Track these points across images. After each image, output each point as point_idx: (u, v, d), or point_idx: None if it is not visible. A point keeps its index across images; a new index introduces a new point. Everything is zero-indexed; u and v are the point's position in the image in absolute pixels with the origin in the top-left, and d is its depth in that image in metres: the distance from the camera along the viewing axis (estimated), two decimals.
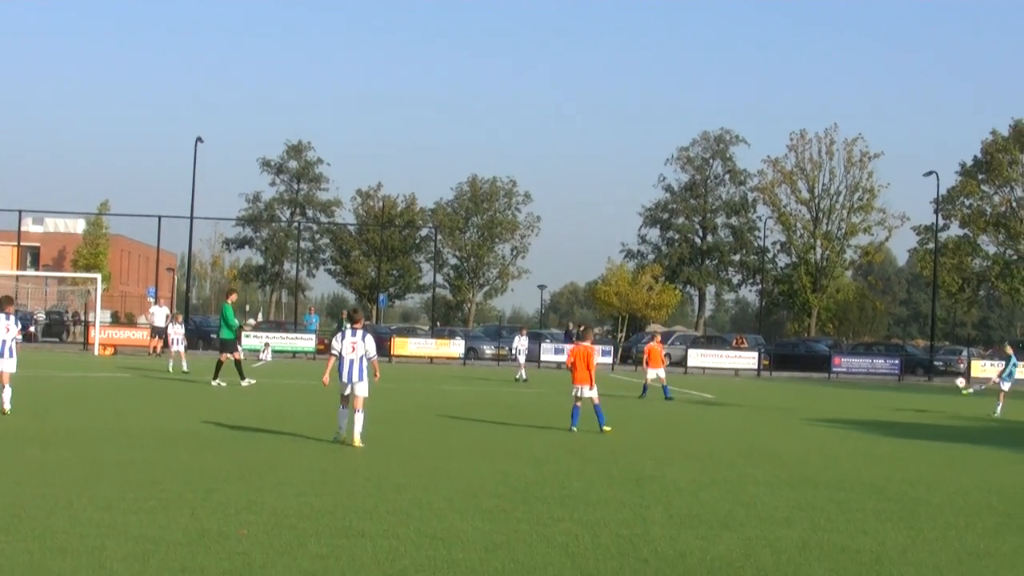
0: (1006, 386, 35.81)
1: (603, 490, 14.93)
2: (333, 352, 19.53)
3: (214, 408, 26.15)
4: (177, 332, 43.60)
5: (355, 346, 19.29)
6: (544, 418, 23.55)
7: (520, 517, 12.54)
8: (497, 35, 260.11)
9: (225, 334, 34.63)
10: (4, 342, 22.90)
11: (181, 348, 42.96)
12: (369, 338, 19.53)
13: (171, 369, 41.43)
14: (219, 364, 34.32)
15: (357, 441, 18.83)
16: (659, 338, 41.41)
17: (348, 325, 19.88)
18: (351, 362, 19.25)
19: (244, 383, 33.52)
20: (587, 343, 24.15)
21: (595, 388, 23.58)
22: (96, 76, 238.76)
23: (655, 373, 37.49)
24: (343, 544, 10.69)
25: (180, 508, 12.25)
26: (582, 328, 26.31)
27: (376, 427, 20.50)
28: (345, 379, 19.25)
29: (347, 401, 19.41)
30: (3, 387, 22.63)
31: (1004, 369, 36.44)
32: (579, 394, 23.49)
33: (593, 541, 11.34)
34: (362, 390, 19.25)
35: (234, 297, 36.71)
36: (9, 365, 22.83)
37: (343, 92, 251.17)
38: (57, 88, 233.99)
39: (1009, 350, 37.41)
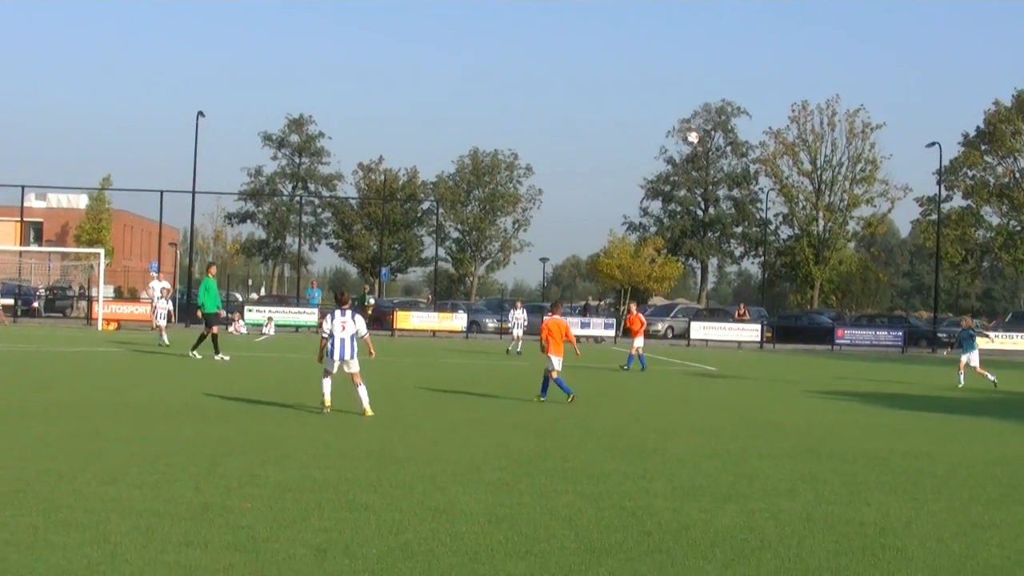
0: (964, 358, 35.70)
1: (606, 462, 14.93)
2: (323, 334, 20.09)
3: (216, 382, 26.16)
4: (163, 307, 43.84)
5: (345, 325, 19.93)
6: (550, 391, 23.52)
7: (523, 489, 12.53)
8: (497, 7, 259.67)
9: (210, 307, 34.74)
10: None
11: (163, 322, 43.14)
12: (359, 317, 20.22)
13: (167, 341, 41.37)
14: (214, 337, 34.30)
15: (368, 411, 19.57)
16: (634, 306, 41.61)
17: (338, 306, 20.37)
18: (342, 340, 19.87)
19: (217, 358, 33.62)
20: (558, 316, 24.68)
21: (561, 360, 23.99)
22: (97, 51, 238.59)
23: (640, 342, 37.58)
24: (346, 517, 10.69)
25: (184, 482, 12.26)
26: (553, 303, 26.86)
27: (378, 400, 20.51)
28: (337, 357, 19.81)
29: (330, 375, 19.97)
30: None
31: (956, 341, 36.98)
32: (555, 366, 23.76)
33: (596, 513, 11.34)
34: (355, 366, 19.97)
35: (214, 271, 36.76)
36: None
37: (343, 65, 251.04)
38: (58, 64, 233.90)
39: (966, 323, 37.95)
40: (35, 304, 69.14)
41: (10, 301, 63.69)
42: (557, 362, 23.72)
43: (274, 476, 12.83)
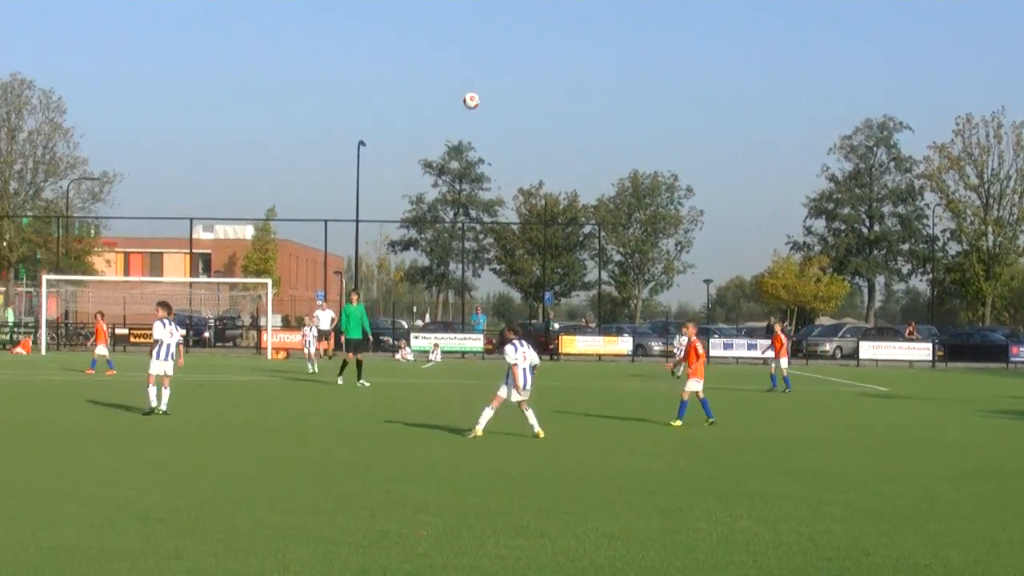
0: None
1: (780, 485, 14.73)
2: (514, 362, 19.94)
3: (385, 407, 26.39)
4: (310, 335, 44.19)
5: (526, 355, 20.01)
6: (718, 413, 23.29)
7: (698, 515, 12.40)
8: (654, 30, 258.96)
9: (354, 333, 34.74)
10: (168, 346, 23.41)
11: (311, 350, 43.42)
12: (531, 348, 20.36)
13: (315, 369, 41.69)
14: (359, 364, 34.43)
15: (540, 432, 19.80)
16: (778, 326, 40.74)
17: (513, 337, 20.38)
18: (524, 371, 19.95)
19: (339, 380, 34.11)
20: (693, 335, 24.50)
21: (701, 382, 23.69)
22: (260, 85, 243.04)
23: (784, 363, 36.85)
24: (522, 544, 10.67)
25: (359, 509, 12.34)
26: (686, 324, 26.44)
27: (548, 425, 20.50)
28: (523, 385, 19.87)
29: (497, 403, 20.08)
30: (163, 389, 23.17)
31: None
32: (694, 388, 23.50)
33: (774, 538, 11.18)
34: (527, 394, 20.11)
35: (355, 298, 36.73)
36: (168, 368, 23.35)
37: (502, 91, 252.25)
38: (222, 99, 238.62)
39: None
40: (206, 334, 70.45)
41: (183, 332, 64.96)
42: (697, 383, 23.45)
43: (448, 502, 12.87)
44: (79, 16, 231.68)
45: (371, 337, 36.13)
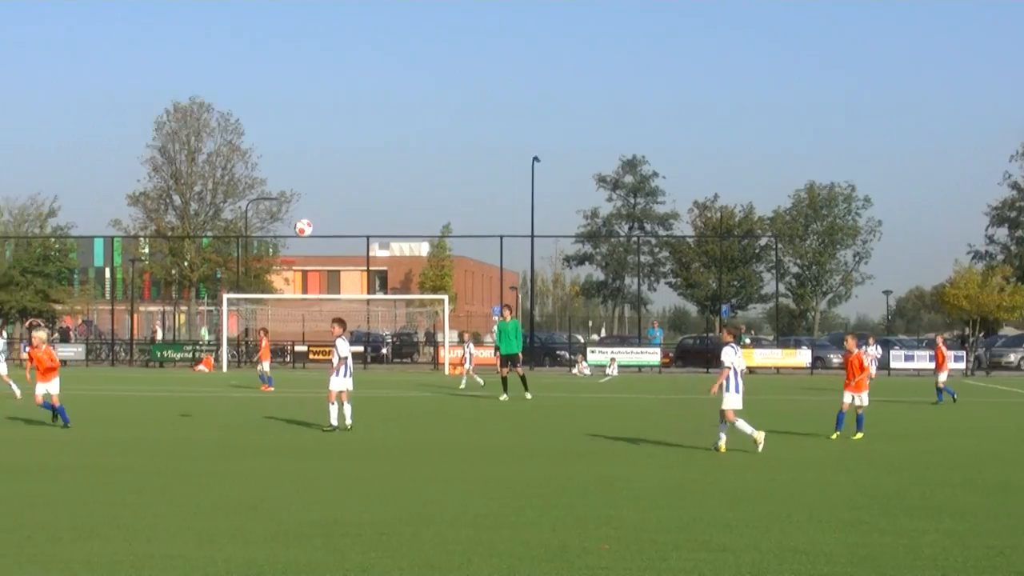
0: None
1: (967, 498, 14.46)
2: (730, 365, 19.73)
3: (563, 423, 26.48)
4: (468, 350, 44.24)
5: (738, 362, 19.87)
6: (899, 426, 22.95)
7: (884, 528, 12.22)
8: (828, 38, 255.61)
9: (513, 348, 34.77)
10: (346, 361, 23.68)
11: (469, 366, 43.37)
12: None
13: (481, 382, 41.83)
14: (504, 380, 34.48)
15: (759, 437, 19.64)
16: (940, 339, 39.60)
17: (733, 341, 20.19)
18: (737, 373, 19.76)
19: (502, 398, 34.03)
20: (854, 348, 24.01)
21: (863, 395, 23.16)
22: (434, 101, 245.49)
23: (943, 376, 35.80)
24: (705, 558, 10.61)
25: (541, 523, 12.39)
26: (850, 335, 25.78)
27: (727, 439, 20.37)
28: (735, 389, 19.66)
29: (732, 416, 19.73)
30: (344, 404, 23.47)
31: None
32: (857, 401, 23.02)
33: (963, 553, 10.95)
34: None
35: (507, 314, 36.44)
36: (347, 384, 23.63)
37: (674, 104, 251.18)
38: (396, 117, 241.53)
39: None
40: (383, 351, 71.31)
41: (360, 348, 66.08)
42: (857, 397, 22.99)
43: (629, 516, 12.85)
44: (254, 39, 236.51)
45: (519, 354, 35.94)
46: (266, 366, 41.64)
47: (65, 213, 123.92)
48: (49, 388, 24.50)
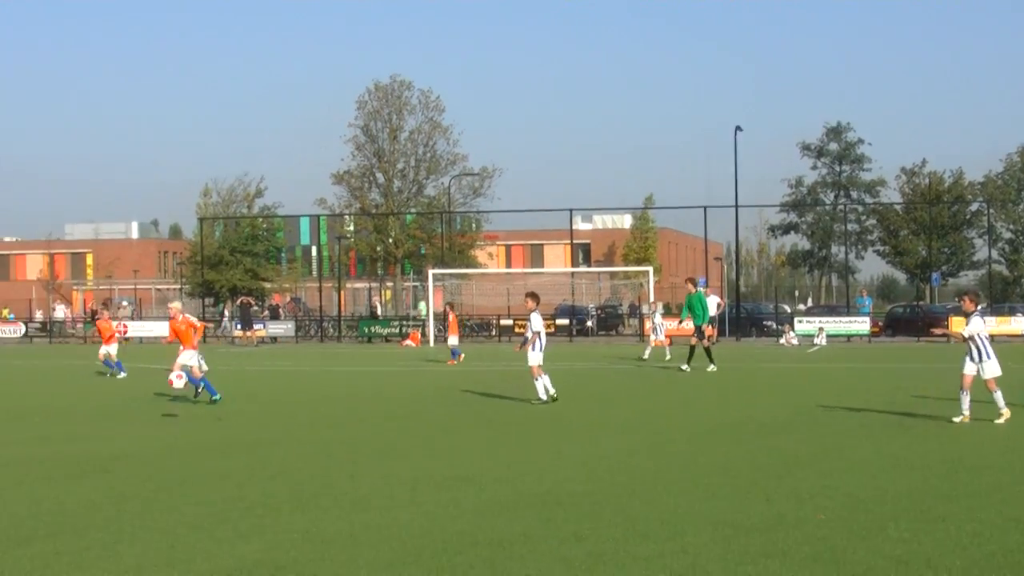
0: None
1: None
2: (971, 334, 19.29)
3: (773, 393, 26.24)
4: (657, 322, 43.79)
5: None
6: None
7: None
8: None
9: (698, 320, 34.51)
10: (539, 335, 23.66)
11: (660, 337, 43.02)
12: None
13: (645, 356, 41.48)
14: (691, 349, 34.23)
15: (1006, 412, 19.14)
16: None
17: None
18: (983, 339, 19.31)
19: (684, 367, 33.71)
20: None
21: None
22: (631, 75, 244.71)
23: None
24: (924, 528, 10.41)
25: (754, 494, 12.28)
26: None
27: (927, 410, 19.90)
28: (983, 356, 19.28)
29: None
30: (542, 376, 23.55)
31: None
32: None
33: None
34: None
35: (690, 286, 35.92)
36: (541, 358, 23.73)
37: (883, 68, 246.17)
38: (595, 91, 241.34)
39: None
40: (588, 323, 71.35)
41: (565, 321, 66.41)
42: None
43: (844, 487, 12.67)
44: (454, 17, 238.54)
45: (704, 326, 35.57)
46: (454, 339, 42.08)
47: (271, 193, 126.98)
48: (187, 360, 24.37)
